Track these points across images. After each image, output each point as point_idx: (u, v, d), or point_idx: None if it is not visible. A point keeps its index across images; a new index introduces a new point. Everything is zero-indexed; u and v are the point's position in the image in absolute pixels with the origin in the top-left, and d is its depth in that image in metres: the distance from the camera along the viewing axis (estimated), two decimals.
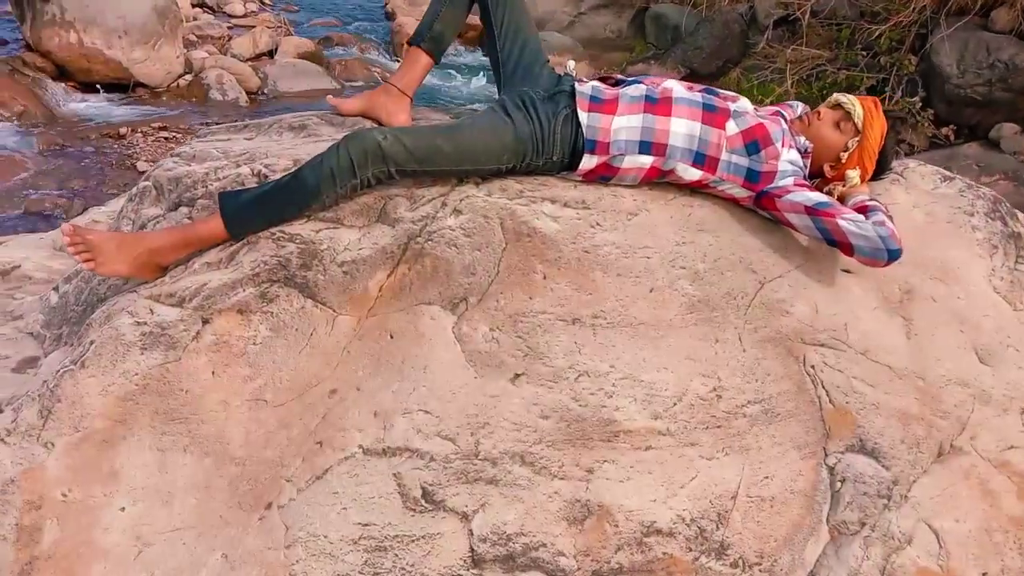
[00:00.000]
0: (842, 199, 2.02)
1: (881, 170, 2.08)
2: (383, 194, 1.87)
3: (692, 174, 1.95)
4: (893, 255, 1.78)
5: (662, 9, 8.78)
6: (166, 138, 5.32)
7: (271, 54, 7.75)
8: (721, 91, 2.03)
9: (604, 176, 1.96)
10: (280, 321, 1.72)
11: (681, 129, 1.91)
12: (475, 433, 1.56)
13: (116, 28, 6.18)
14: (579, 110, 1.91)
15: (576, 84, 1.97)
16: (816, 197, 1.87)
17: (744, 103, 1.99)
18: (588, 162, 1.93)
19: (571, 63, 2.12)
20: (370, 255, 1.78)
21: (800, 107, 2.22)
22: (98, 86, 6.27)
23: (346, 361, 1.71)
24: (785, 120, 2.02)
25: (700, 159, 1.93)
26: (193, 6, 9.22)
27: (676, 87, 1.98)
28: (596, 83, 2.00)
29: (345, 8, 11.24)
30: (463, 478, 1.50)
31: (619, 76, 2.08)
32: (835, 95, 2.05)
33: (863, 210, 1.91)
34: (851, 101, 2.00)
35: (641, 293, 1.81)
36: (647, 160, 1.93)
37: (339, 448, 1.56)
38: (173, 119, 5.74)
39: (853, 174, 2.00)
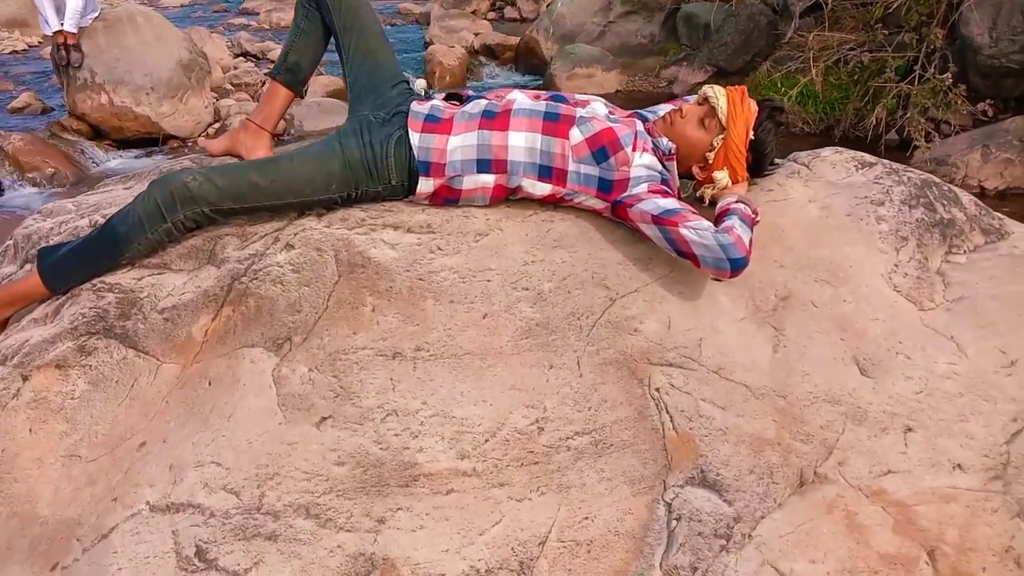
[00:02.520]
0: (714, 202, 1.85)
1: (760, 166, 1.88)
2: (213, 234, 1.83)
3: (541, 189, 1.82)
4: (736, 265, 1.59)
5: (692, 8, 8.51)
6: None
7: (301, 95, 7.94)
8: (574, 96, 1.89)
9: (449, 199, 1.85)
10: (100, 374, 1.68)
11: (520, 143, 1.78)
12: (261, 485, 1.47)
13: (143, 86, 6.47)
14: (410, 131, 1.81)
15: (413, 104, 1.87)
16: (665, 204, 1.70)
17: (595, 107, 1.84)
18: (425, 185, 1.82)
19: (420, 82, 2.02)
20: (192, 299, 1.73)
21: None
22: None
23: (163, 412, 1.65)
24: (643, 121, 1.86)
25: (546, 172, 1.80)
26: (235, 56, 9.61)
27: (519, 98, 1.85)
28: (438, 102, 1.90)
29: None
30: (240, 534, 1.42)
31: (469, 93, 1.97)
32: (704, 88, 1.87)
33: (722, 214, 1.73)
34: (717, 94, 1.82)
35: (473, 320, 1.68)
36: (489, 179, 1.81)
37: (128, 505, 1.50)
38: None
39: (721, 175, 1.82)
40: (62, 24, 6.14)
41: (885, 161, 2.10)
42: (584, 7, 9.16)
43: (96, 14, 6.47)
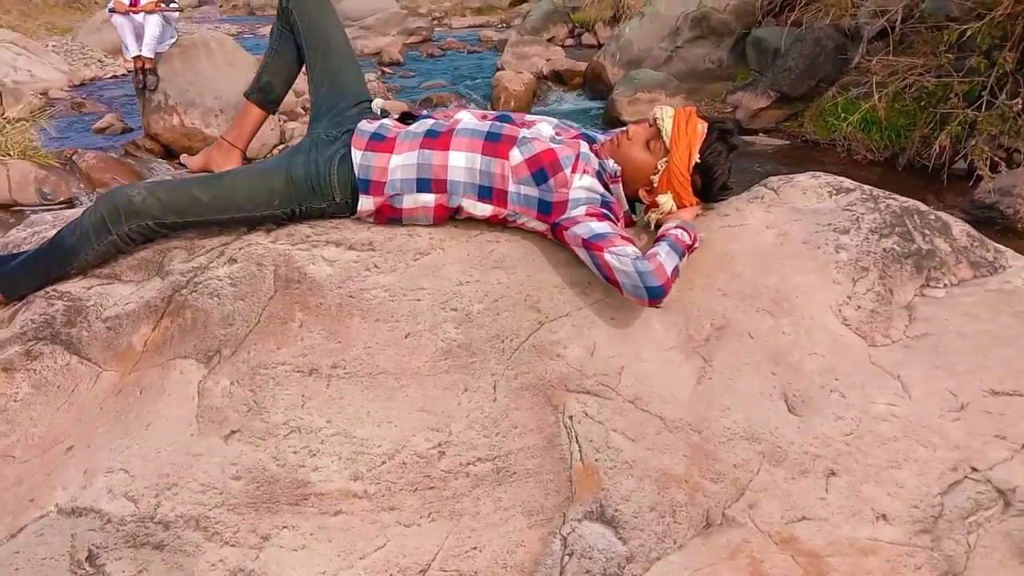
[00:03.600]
0: (660, 227, 1.78)
1: (709, 190, 1.79)
2: (164, 247, 1.88)
3: (482, 210, 1.80)
4: (653, 293, 1.53)
5: (762, 33, 8.33)
6: None
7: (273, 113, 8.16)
8: (523, 117, 1.87)
9: (392, 218, 1.85)
10: (43, 378, 1.75)
11: (460, 163, 1.77)
12: (160, 494, 1.49)
13: (213, 108, 6.80)
14: (353, 148, 1.82)
15: (361, 122, 1.89)
16: (598, 228, 1.65)
17: (540, 128, 1.81)
18: (366, 203, 1.83)
19: (378, 101, 2.03)
20: (134, 309, 1.79)
21: None
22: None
23: (96, 418, 1.70)
24: (588, 143, 1.81)
25: (486, 193, 1.78)
26: None
27: (465, 118, 1.84)
28: (387, 121, 1.90)
29: (462, 71, 11.68)
30: (131, 542, 1.44)
31: (424, 112, 1.97)
32: (654, 108, 1.82)
33: (657, 240, 1.67)
34: (663, 115, 1.76)
35: (394, 339, 1.67)
36: (429, 198, 1.80)
37: (41, 506, 1.54)
38: None
39: (664, 199, 1.75)
40: (140, 50, 6.53)
41: (866, 187, 1.98)
42: (652, 33, 9.11)
43: (173, 40, 6.85)
